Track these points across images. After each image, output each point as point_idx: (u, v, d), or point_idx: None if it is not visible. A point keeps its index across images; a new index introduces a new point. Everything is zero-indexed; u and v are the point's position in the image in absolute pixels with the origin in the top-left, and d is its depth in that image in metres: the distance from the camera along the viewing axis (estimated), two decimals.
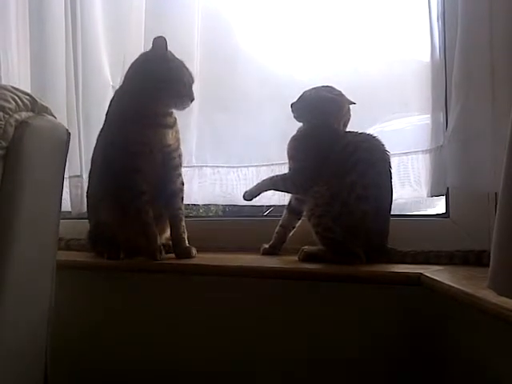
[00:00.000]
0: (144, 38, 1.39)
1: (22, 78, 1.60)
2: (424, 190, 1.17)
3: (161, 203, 1.22)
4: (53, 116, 1.00)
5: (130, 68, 1.21)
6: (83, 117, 1.46)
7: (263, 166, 1.35)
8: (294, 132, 1.20)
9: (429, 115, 1.13)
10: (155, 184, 1.20)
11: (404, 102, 1.21)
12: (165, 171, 1.21)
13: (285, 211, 1.21)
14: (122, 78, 1.23)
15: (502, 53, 0.91)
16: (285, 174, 1.19)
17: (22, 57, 1.61)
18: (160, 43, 1.15)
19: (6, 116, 0.87)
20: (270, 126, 1.33)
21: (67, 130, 1.02)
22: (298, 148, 1.17)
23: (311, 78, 1.27)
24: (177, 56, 1.19)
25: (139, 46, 1.39)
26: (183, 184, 1.24)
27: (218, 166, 1.39)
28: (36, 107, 0.95)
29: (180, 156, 1.24)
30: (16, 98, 0.90)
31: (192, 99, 1.20)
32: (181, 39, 1.32)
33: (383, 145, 1.09)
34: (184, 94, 1.18)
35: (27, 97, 0.93)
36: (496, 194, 1.02)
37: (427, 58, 1.13)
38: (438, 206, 1.26)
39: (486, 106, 0.94)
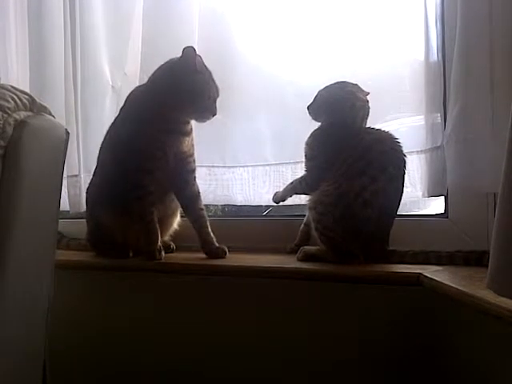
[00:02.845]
0: (142, 38, 1.39)
1: (21, 77, 1.59)
2: (419, 191, 1.16)
3: (181, 206, 1.24)
4: (51, 115, 0.99)
5: (157, 70, 1.19)
6: (82, 116, 1.46)
7: (259, 165, 1.35)
8: (291, 132, 1.19)
9: (426, 116, 1.13)
10: (164, 186, 1.20)
11: (402, 103, 1.20)
12: (180, 175, 1.21)
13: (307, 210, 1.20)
14: (150, 76, 1.21)
15: (501, 52, 0.91)
16: (301, 176, 1.19)
17: (21, 57, 1.60)
18: (190, 53, 1.13)
19: (5, 115, 0.86)
20: (266, 127, 1.33)
21: (66, 129, 1.02)
22: (310, 146, 1.16)
23: (309, 80, 1.27)
24: (176, 56, 1.19)
25: (138, 46, 1.39)
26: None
27: (213, 166, 1.39)
28: (35, 107, 0.94)
29: (194, 161, 1.24)
30: (15, 97, 0.90)
31: (214, 114, 1.18)
32: (179, 40, 1.31)
33: (400, 146, 1.07)
34: (207, 108, 1.17)
35: (26, 96, 0.93)
36: (495, 194, 1.02)
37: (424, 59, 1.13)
38: (432, 207, 1.27)
39: (486, 106, 0.94)
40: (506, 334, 0.74)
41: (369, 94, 1.14)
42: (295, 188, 1.19)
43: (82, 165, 1.46)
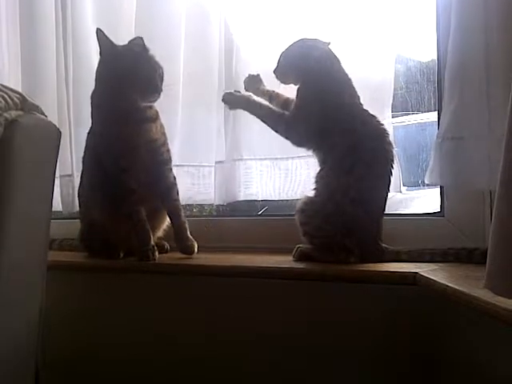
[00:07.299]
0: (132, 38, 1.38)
1: (13, 76, 1.58)
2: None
3: (156, 201, 1.21)
4: (43, 114, 0.99)
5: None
6: (74, 116, 1.45)
7: (239, 160, 1.32)
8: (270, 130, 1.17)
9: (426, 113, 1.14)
10: (146, 182, 1.18)
11: (397, 102, 1.20)
12: (155, 168, 1.19)
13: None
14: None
15: (496, 49, 0.91)
16: (284, 112, 1.12)
17: (13, 55, 1.59)
18: (99, 36, 1.15)
19: None
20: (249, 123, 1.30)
21: (58, 128, 1.01)
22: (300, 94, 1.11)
23: None
24: (167, 56, 1.18)
25: None
26: (175, 179, 1.22)
27: (189, 165, 1.36)
28: (26, 106, 0.94)
29: (168, 151, 1.21)
30: (5, 96, 0.89)
31: (158, 91, 1.14)
32: (170, 39, 1.30)
33: (390, 143, 1.06)
34: (146, 86, 1.14)
35: (17, 95, 0.92)
36: (491, 191, 1.02)
37: (419, 58, 1.13)
38: (414, 207, 1.31)
39: (482, 104, 0.94)
40: (504, 333, 0.74)
41: (329, 43, 1.11)
42: (268, 116, 1.12)
43: (74, 164, 1.45)
